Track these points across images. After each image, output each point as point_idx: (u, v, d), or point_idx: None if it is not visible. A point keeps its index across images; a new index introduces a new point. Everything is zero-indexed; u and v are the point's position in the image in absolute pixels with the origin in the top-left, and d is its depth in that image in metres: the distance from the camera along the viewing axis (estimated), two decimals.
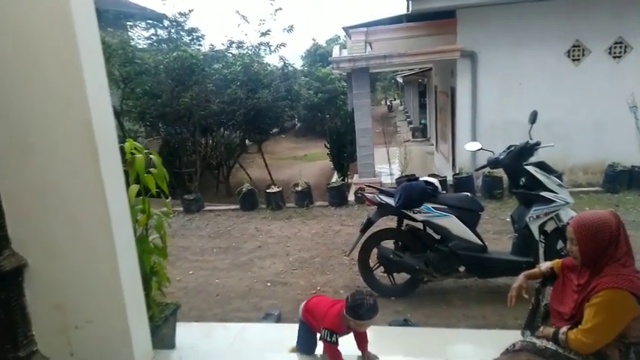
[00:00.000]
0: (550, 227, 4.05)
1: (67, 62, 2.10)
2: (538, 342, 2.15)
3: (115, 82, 10.98)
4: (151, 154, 2.95)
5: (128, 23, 13.28)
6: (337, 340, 2.44)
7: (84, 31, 2.13)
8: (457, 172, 8.43)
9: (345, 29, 11.29)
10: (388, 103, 41.10)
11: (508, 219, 5.02)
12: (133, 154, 2.83)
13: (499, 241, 5.28)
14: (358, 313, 2.35)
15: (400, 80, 27.38)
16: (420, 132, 20.15)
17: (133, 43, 11.90)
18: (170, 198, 8.81)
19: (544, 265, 2.49)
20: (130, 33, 12.94)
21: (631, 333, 1.91)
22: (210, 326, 3.60)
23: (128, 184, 2.79)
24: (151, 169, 2.91)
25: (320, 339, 2.51)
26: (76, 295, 2.39)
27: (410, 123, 24.36)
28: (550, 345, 2.08)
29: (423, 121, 20.61)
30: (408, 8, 8.66)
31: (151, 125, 11.99)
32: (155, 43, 12.32)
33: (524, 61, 8.15)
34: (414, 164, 12.46)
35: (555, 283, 2.38)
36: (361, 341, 2.55)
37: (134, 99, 11.08)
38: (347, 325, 2.44)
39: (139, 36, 12.71)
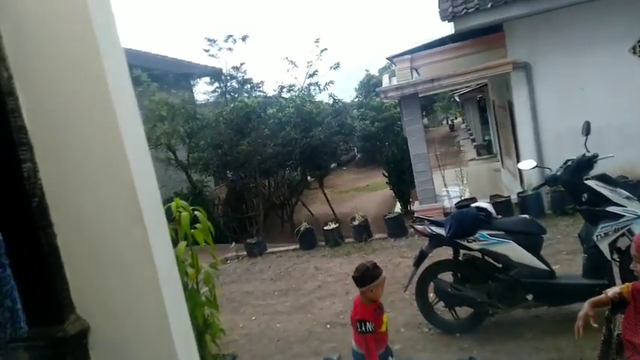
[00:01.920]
0: (624, 244, 3.67)
1: (107, 133, 2.29)
2: None
3: (181, 138, 11.86)
4: (196, 209, 3.12)
5: (190, 82, 14.38)
6: (372, 328, 2.60)
7: (121, 101, 2.32)
8: (524, 189, 7.95)
9: (390, 58, 11.37)
10: (450, 122, 40.10)
11: None
12: (179, 212, 3.02)
13: (573, 262, 4.85)
14: (365, 278, 2.63)
15: (458, 99, 26.73)
16: (485, 149, 19.35)
17: (194, 100, 12.84)
18: (234, 243, 9.18)
19: (611, 291, 2.29)
20: (192, 91, 13.99)
21: None
22: None
23: (177, 241, 2.96)
24: (197, 225, 3.08)
25: (359, 332, 2.65)
26: (133, 354, 2.52)
27: (473, 140, 23.52)
28: None
29: (487, 137, 19.81)
30: (452, 29, 8.57)
31: (216, 174, 12.68)
32: (218, 97, 13.20)
33: (583, 64, 7.67)
34: (480, 183, 11.95)
35: (626, 310, 2.17)
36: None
37: (199, 151, 11.84)
38: (370, 301, 2.66)
39: (202, 91, 13.70)
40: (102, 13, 2.07)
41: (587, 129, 3.92)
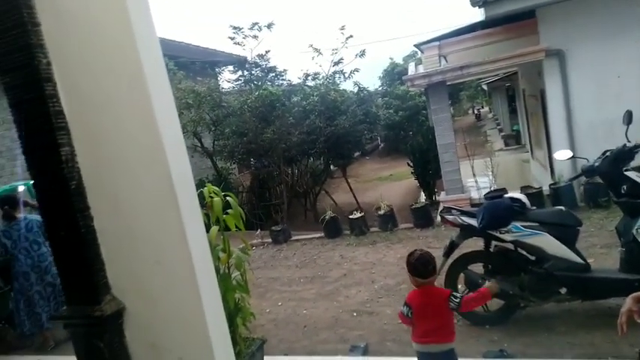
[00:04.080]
0: None
1: (143, 119, 2.31)
2: None
3: (207, 126, 11.97)
4: (227, 195, 3.14)
5: (215, 70, 14.46)
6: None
7: (156, 87, 2.34)
8: (555, 181, 7.74)
9: (417, 45, 11.15)
10: (476, 111, 39.30)
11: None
12: (211, 197, 3.04)
13: (608, 256, 4.70)
14: (417, 270, 2.61)
15: (485, 87, 26.13)
16: (514, 139, 18.91)
17: (219, 87, 12.91)
18: (260, 230, 9.27)
19: None
20: (218, 79, 14.08)
21: None
22: None
23: (209, 226, 2.99)
24: (229, 210, 3.09)
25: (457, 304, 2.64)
26: (167, 334, 2.58)
27: (501, 130, 23.01)
28: None
29: (515, 127, 19.34)
30: (482, 15, 8.33)
31: (240, 161, 12.77)
32: (242, 85, 13.23)
33: (619, 51, 7.35)
34: (508, 175, 11.69)
35: None
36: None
37: (224, 139, 11.92)
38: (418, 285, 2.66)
39: (226, 79, 13.77)
40: (138, 0, 2.08)
41: (628, 118, 3.76)
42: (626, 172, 3.60)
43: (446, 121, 9.06)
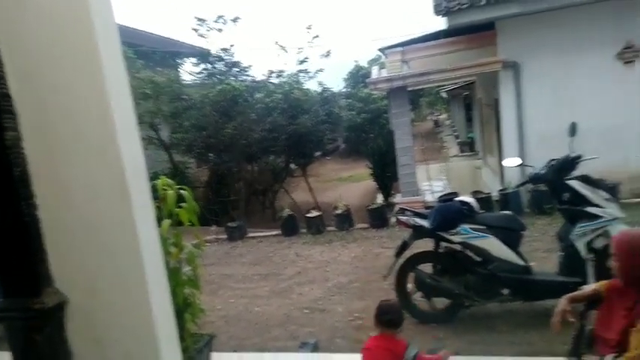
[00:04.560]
0: (599, 244, 3.77)
1: (96, 106, 2.23)
2: None
3: (165, 118, 11.66)
4: (182, 188, 3.08)
5: (177, 61, 14.11)
6: None
7: (112, 75, 2.27)
8: (504, 187, 8.10)
9: (382, 50, 11.35)
10: (434, 118, 40.38)
11: None
12: (165, 190, 2.97)
13: (549, 260, 4.97)
14: (377, 316, 2.57)
15: (445, 95, 26.93)
16: (468, 146, 19.59)
17: (180, 80, 12.62)
18: (215, 226, 9.13)
19: (588, 288, 2.36)
20: (178, 70, 13.75)
21: None
22: (245, 356, 3.64)
23: (162, 220, 2.92)
24: (182, 204, 3.04)
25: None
26: (112, 328, 2.51)
27: (457, 137, 23.78)
28: None
29: (470, 135, 20.05)
30: (445, 24, 8.60)
31: (199, 156, 12.53)
32: (204, 78, 12.98)
33: (571, 67, 7.81)
34: (461, 180, 12.12)
35: (600, 307, 2.24)
36: None
37: (182, 132, 11.66)
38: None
39: (187, 72, 13.48)
40: None
41: (572, 130, 4.00)
42: (568, 181, 3.83)
43: (405, 126, 9.28)
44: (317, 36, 12.39)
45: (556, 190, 3.94)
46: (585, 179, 3.84)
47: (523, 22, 7.81)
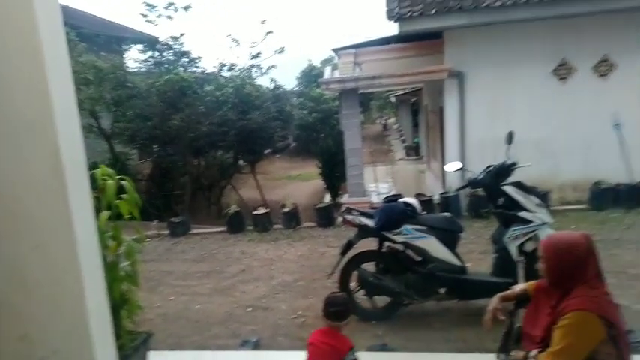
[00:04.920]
0: (530, 247, 4.03)
1: (34, 88, 2.10)
2: None
3: (107, 106, 11.10)
4: (123, 179, 2.95)
5: (122, 47, 13.47)
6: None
7: (53, 57, 2.14)
8: (445, 190, 8.45)
9: (335, 50, 11.47)
10: (383, 122, 41.35)
11: None
12: (104, 180, 2.84)
13: (483, 261, 5.24)
14: (324, 308, 2.50)
15: (393, 99, 27.65)
16: (414, 150, 20.27)
17: (125, 66, 12.06)
18: (157, 221, 8.82)
19: (517, 287, 2.49)
20: (124, 57, 13.13)
21: (599, 356, 1.90)
22: (183, 354, 3.55)
23: (100, 211, 2.79)
24: (123, 196, 2.92)
25: None
26: (42, 324, 2.37)
27: (404, 142, 24.52)
28: None
29: (416, 140, 20.75)
30: (397, 30, 8.82)
31: (142, 148, 12.05)
32: (151, 67, 12.48)
33: (511, 80, 8.26)
34: (406, 183, 12.51)
35: (528, 305, 2.38)
36: None
37: (125, 122, 11.16)
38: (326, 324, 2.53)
39: (133, 59, 12.90)
40: None
41: (510, 138, 4.24)
42: (503, 187, 4.06)
43: (355, 127, 9.43)
44: (271, 32, 12.27)
45: (492, 194, 4.16)
46: (519, 185, 4.09)
47: (469, 34, 8.17)
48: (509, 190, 4.02)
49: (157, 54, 12.63)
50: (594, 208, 7.55)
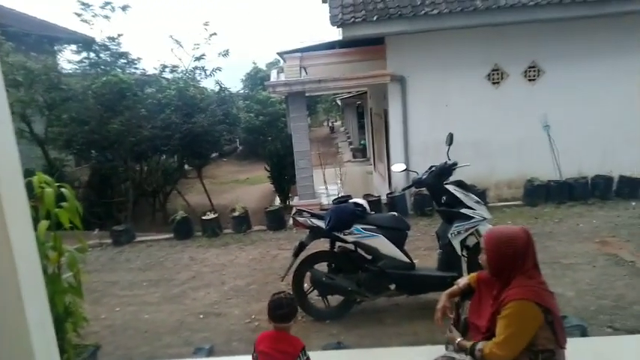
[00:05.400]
0: (471, 242, 4.28)
1: None
2: (457, 356, 2.24)
3: (39, 109, 10.44)
4: (62, 186, 2.82)
5: (55, 48, 12.71)
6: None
7: None
8: (391, 191, 8.71)
9: (280, 54, 11.49)
10: (330, 124, 41.84)
11: None
12: (42, 188, 2.69)
13: (429, 257, 5.47)
14: (270, 311, 2.39)
15: (339, 102, 28.07)
16: (361, 152, 20.68)
17: (59, 68, 11.38)
18: (98, 230, 8.41)
19: (462, 282, 2.59)
20: (57, 57, 12.39)
21: (538, 341, 2.03)
22: None
23: (38, 220, 2.64)
24: (63, 204, 2.78)
25: None
26: None
27: (351, 144, 24.94)
28: (468, 359, 2.17)
29: (362, 142, 21.19)
30: (340, 35, 8.99)
31: (79, 153, 11.41)
32: (86, 68, 11.85)
33: (450, 84, 8.65)
34: (354, 184, 12.73)
35: (473, 297, 2.50)
36: None
37: (60, 126, 10.52)
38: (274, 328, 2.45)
39: (67, 60, 12.20)
40: None
41: (450, 140, 4.47)
42: (446, 185, 4.27)
43: (303, 130, 9.48)
44: (215, 33, 12.04)
45: (435, 193, 4.36)
46: (460, 184, 4.32)
47: (410, 40, 8.48)
48: (451, 188, 4.23)
49: (92, 55, 12.01)
50: (528, 203, 8.08)
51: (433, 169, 4.41)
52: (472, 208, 4.16)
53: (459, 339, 2.30)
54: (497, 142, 8.67)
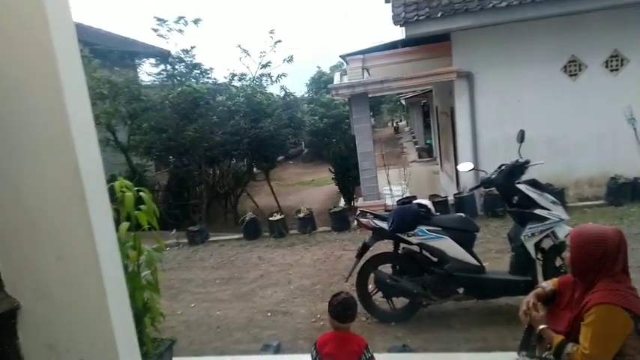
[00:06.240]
0: (547, 245, 4.01)
1: (52, 106, 2.18)
2: None
3: (122, 119, 11.33)
4: (140, 190, 3.03)
5: (135, 62, 13.74)
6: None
7: (69, 74, 2.21)
8: (459, 191, 8.41)
9: (343, 57, 11.54)
10: (394, 124, 41.27)
11: None
12: (123, 192, 2.92)
13: (501, 260, 5.21)
14: (337, 312, 2.40)
15: (404, 102, 27.58)
16: (426, 152, 20.16)
17: (139, 80, 12.29)
18: (175, 230, 8.94)
19: (547, 287, 2.36)
20: (137, 71, 13.39)
21: (627, 351, 1.87)
22: None
23: (120, 222, 2.86)
24: (141, 206, 2.99)
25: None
26: (67, 334, 2.43)
27: (416, 143, 24.41)
28: None
29: (428, 141, 20.65)
30: (403, 34, 8.85)
31: (158, 159, 12.24)
32: (164, 79, 12.70)
33: (521, 78, 8.21)
34: (420, 184, 12.44)
35: (551, 304, 2.34)
36: None
37: (141, 134, 11.36)
38: (334, 328, 2.47)
39: (146, 73, 13.15)
40: None
41: (521, 137, 4.23)
42: (517, 185, 4.04)
43: (366, 131, 9.45)
44: (280, 41, 12.39)
45: (506, 193, 4.14)
46: (533, 183, 4.07)
47: (476, 35, 8.15)
48: (523, 187, 4.00)
49: (169, 67, 12.85)
50: (612, 203, 7.44)
51: (503, 167, 4.20)
52: (547, 209, 3.90)
53: (543, 325, 2.15)
54: (575, 137, 8.07)
